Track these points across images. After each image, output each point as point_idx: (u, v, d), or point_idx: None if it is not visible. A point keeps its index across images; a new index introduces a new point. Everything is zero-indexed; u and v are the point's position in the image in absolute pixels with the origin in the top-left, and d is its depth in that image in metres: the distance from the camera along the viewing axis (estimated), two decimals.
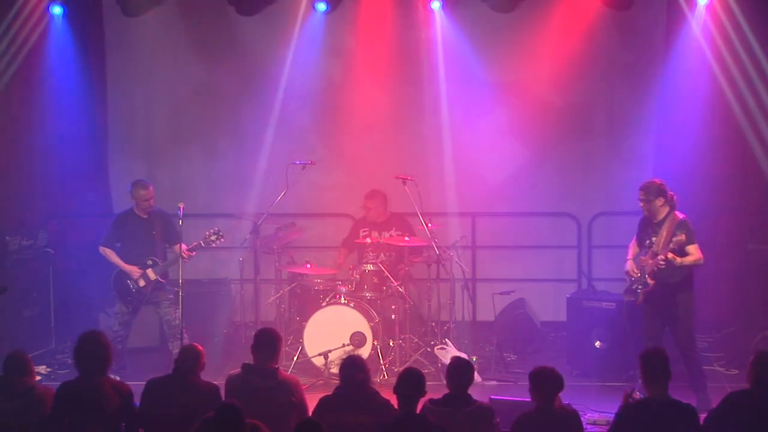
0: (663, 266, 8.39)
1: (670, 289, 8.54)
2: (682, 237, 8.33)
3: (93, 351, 6.62)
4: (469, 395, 6.40)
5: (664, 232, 8.51)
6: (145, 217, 9.54)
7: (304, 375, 9.32)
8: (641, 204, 8.65)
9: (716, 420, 6.46)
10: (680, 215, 8.58)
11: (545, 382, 6.29)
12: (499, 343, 10.12)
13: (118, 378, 9.28)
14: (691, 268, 8.57)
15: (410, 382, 6.24)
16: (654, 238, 8.59)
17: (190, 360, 6.72)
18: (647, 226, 8.73)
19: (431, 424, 6.04)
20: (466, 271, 10.58)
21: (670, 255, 8.35)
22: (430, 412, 6.28)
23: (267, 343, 6.81)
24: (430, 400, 6.38)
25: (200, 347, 6.90)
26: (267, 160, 11.40)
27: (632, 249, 8.92)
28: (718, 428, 6.42)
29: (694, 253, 8.45)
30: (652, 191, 8.59)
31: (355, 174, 11.55)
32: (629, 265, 8.79)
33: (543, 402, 6.28)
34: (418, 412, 6.28)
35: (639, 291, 8.63)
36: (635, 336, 8.96)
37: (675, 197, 8.66)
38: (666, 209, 8.58)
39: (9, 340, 9.54)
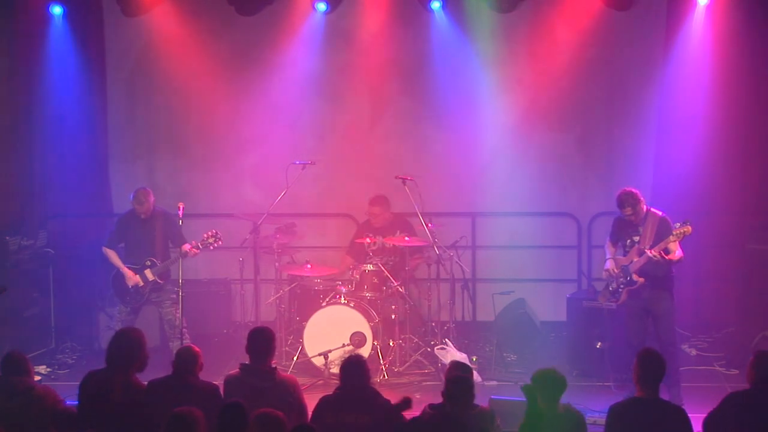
0: (657, 260, 8.47)
1: (654, 285, 8.63)
2: (675, 242, 8.47)
3: (122, 348, 6.66)
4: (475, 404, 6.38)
5: (648, 230, 8.61)
6: (146, 218, 9.54)
7: (304, 375, 9.33)
8: (631, 217, 8.68)
9: (716, 420, 6.46)
10: (658, 212, 8.72)
11: (547, 384, 6.30)
12: (499, 343, 10.12)
13: None
14: (672, 264, 8.66)
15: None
16: (636, 237, 8.72)
17: (187, 361, 6.72)
18: (625, 226, 8.82)
19: None
20: (466, 271, 10.58)
21: (662, 254, 8.47)
22: (430, 417, 6.26)
23: (261, 342, 6.79)
24: (430, 405, 6.36)
25: (197, 348, 6.90)
26: (267, 160, 11.40)
27: (610, 249, 9.02)
28: (718, 428, 6.43)
29: (676, 249, 8.56)
30: (635, 200, 8.64)
31: (356, 174, 11.55)
32: (610, 263, 8.86)
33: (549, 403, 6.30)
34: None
35: (621, 290, 8.72)
36: (621, 338, 9.01)
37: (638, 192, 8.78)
38: (644, 209, 8.68)
39: (9, 340, 9.54)
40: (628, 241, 8.77)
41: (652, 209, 8.74)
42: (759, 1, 10.46)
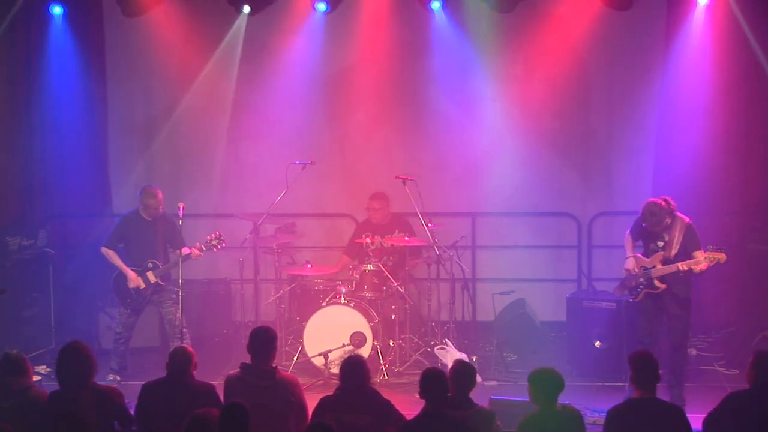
0: (684, 274, 8.47)
1: (674, 292, 8.61)
2: (702, 260, 8.42)
3: (73, 364, 6.60)
4: (470, 398, 6.40)
5: (675, 237, 8.55)
6: (149, 219, 9.55)
7: (304, 375, 9.32)
8: (649, 228, 8.62)
9: (716, 420, 6.46)
10: (686, 219, 8.63)
11: (546, 383, 6.30)
12: (499, 343, 10.12)
13: (118, 378, 9.35)
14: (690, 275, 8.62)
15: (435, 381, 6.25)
16: (660, 243, 8.64)
17: (181, 362, 6.70)
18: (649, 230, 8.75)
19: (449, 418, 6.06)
20: (466, 271, 10.58)
21: (690, 266, 8.42)
22: (429, 416, 6.26)
23: (263, 342, 6.79)
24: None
25: (190, 348, 6.90)
26: (267, 160, 11.40)
27: (630, 244, 8.95)
28: (718, 428, 6.43)
29: (701, 257, 8.46)
30: (659, 217, 8.53)
31: (356, 174, 11.55)
32: (631, 263, 8.80)
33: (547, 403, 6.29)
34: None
35: (640, 290, 8.69)
36: (631, 335, 9.02)
37: (672, 201, 8.64)
38: (670, 218, 8.61)
39: (9, 340, 9.54)
40: (652, 245, 8.69)
41: (679, 214, 8.62)
42: (759, 1, 10.45)
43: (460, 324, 10.62)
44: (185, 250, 9.34)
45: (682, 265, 8.44)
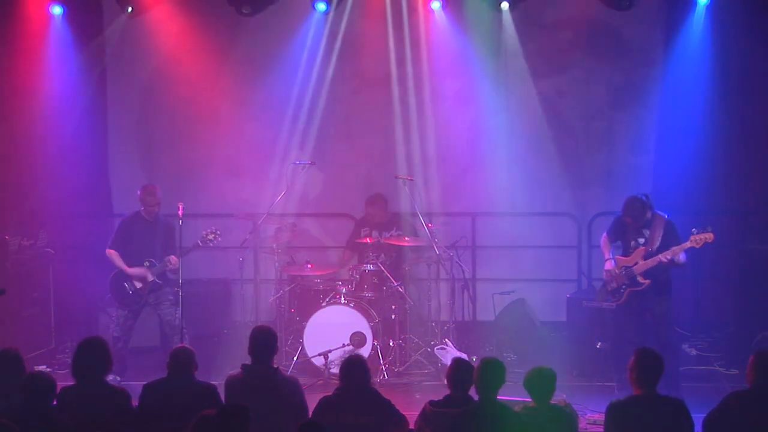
0: (666, 264, 8.51)
1: (656, 288, 8.68)
2: (681, 250, 8.51)
3: (91, 358, 6.60)
4: (470, 396, 6.41)
5: (655, 233, 8.64)
6: (150, 220, 9.56)
7: (304, 375, 9.33)
8: (631, 225, 8.72)
9: (716, 420, 6.46)
10: (664, 215, 8.73)
11: (534, 382, 6.33)
12: (499, 343, 10.13)
13: (118, 378, 9.36)
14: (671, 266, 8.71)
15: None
16: (641, 240, 8.72)
17: (182, 362, 6.69)
18: (629, 227, 8.82)
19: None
20: (466, 271, 10.58)
21: (675, 254, 8.48)
22: (430, 413, 6.28)
23: (263, 343, 6.78)
24: (430, 402, 6.38)
25: (191, 348, 6.90)
26: (267, 161, 11.40)
27: (607, 247, 9.00)
28: (718, 428, 6.43)
29: (684, 246, 8.56)
30: (640, 212, 8.64)
31: (355, 174, 11.55)
32: (611, 264, 8.86)
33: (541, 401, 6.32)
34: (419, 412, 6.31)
35: (623, 291, 8.72)
36: (623, 337, 9.04)
37: (649, 197, 8.76)
38: (650, 213, 8.68)
39: (9, 340, 9.52)
40: (633, 242, 8.77)
41: (658, 212, 8.74)
42: (759, 1, 10.46)
43: (460, 324, 10.62)
44: (173, 260, 9.37)
45: (666, 255, 8.48)
